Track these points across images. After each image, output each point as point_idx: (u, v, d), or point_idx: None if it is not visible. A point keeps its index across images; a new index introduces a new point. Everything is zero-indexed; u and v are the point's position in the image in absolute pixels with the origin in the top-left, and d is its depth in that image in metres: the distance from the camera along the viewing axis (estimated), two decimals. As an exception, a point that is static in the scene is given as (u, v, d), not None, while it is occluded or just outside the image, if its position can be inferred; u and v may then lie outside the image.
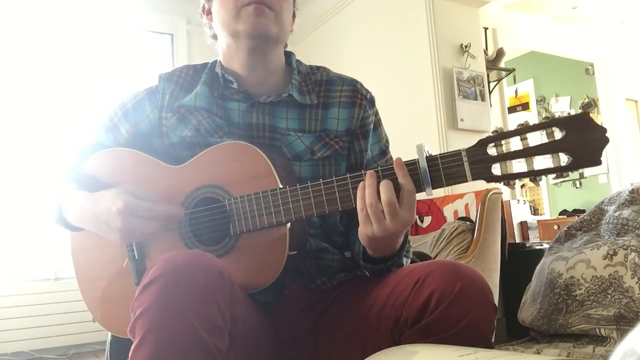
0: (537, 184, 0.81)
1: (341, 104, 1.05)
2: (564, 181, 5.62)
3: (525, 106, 5.09)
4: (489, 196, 2.15)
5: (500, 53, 3.66)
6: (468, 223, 2.21)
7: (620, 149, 5.07)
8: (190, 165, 0.98)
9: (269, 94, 1.04)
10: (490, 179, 0.79)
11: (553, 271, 1.26)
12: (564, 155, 0.75)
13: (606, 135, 0.73)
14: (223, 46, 1.07)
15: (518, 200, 3.65)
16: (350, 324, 0.91)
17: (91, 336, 3.21)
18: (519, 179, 0.78)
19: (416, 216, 2.37)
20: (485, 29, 3.79)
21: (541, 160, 0.76)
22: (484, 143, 0.80)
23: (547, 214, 5.77)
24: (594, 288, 1.16)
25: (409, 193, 0.82)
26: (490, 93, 3.61)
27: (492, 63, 3.63)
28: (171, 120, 1.03)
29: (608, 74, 5.18)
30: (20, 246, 3.23)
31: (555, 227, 4.05)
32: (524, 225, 3.44)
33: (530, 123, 0.80)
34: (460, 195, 2.39)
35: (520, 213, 3.49)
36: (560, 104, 5.92)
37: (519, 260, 2.70)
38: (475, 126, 3.14)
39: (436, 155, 0.82)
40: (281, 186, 0.90)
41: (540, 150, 0.76)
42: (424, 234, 2.41)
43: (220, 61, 1.09)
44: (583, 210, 4.94)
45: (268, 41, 1.02)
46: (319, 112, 1.05)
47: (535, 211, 5.63)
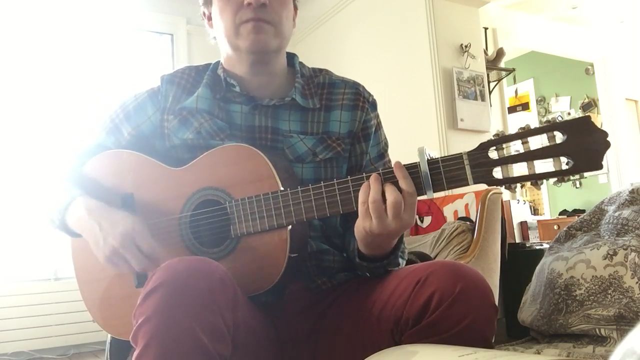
0: (539, 188, 0.81)
1: (343, 106, 1.06)
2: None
3: (525, 106, 5.09)
4: (489, 196, 2.15)
5: (500, 53, 3.67)
6: (468, 223, 2.21)
7: (620, 149, 5.07)
8: (192, 168, 0.98)
9: (272, 96, 1.04)
10: (492, 182, 0.79)
11: (553, 271, 1.26)
12: (565, 159, 0.76)
13: (607, 139, 0.73)
14: (225, 52, 1.07)
15: (518, 200, 3.66)
16: (350, 324, 0.91)
17: (91, 336, 3.21)
18: (520, 182, 0.78)
19: (416, 216, 2.37)
20: (485, 29, 3.79)
21: (542, 164, 0.77)
22: (485, 146, 0.80)
23: (547, 214, 5.77)
24: (594, 288, 1.16)
25: (410, 195, 0.82)
26: (490, 93, 3.61)
27: (492, 63, 3.63)
28: (173, 123, 1.03)
29: (608, 74, 5.18)
30: (20, 246, 3.23)
31: (555, 227, 4.05)
32: (524, 225, 3.44)
33: (530, 123, 0.80)
34: (460, 195, 2.39)
35: (520, 213, 3.49)
36: (560, 104, 5.91)
37: (519, 260, 2.69)
38: (475, 126, 3.14)
39: (437, 158, 0.83)
40: (282, 189, 0.90)
41: (541, 154, 0.77)
42: (424, 234, 2.41)
43: (222, 63, 1.08)
44: (583, 210, 4.94)
45: (269, 54, 1.02)
46: (321, 115, 1.05)
47: (535, 211, 5.62)
